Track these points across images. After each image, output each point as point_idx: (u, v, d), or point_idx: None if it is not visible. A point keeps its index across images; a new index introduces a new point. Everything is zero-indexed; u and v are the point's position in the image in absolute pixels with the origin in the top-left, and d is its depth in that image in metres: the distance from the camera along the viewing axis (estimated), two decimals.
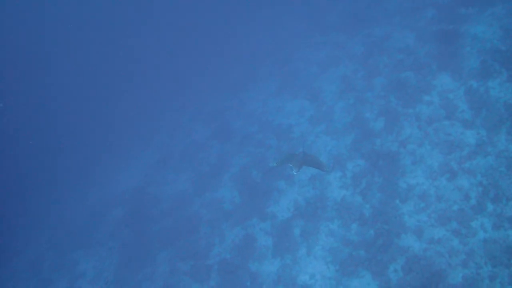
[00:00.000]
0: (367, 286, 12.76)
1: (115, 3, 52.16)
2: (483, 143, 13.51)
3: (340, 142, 16.79)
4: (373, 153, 15.28)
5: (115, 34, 49.38)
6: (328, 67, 21.93)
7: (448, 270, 11.86)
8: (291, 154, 11.92)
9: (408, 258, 12.60)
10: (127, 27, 49.41)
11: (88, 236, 21.69)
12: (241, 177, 18.70)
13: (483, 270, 11.44)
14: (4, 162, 36.31)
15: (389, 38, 20.50)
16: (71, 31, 50.86)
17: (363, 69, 19.57)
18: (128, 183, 23.94)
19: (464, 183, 13.02)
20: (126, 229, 20.48)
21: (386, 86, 17.58)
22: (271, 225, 15.89)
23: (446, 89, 15.69)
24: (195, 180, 20.65)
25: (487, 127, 13.79)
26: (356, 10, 25.52)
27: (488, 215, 12.14)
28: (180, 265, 16.75)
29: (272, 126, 20.44)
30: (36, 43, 52.78)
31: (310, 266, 14.14)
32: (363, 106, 17.49)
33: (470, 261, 11.74)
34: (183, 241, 17.65)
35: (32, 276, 21.92)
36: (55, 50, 51.40)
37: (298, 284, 13.94)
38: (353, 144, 16.37)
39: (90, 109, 38.76)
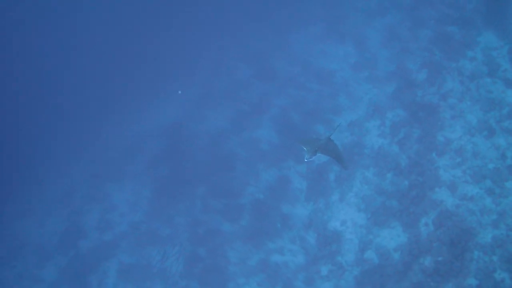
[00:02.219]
0: (397, 237, 16.18)
1: None
2: None
3: (381, 91, 19.94)
4: (413, 104, 18.42)
5: None
6: (375, 16, 24.99)
7: (478, 229, 14.84)
8: (315, 138, 13.25)
9: (439, 213, 15.73)
10: None
11: (122, 170, 26.49)
12: (280, 118, 22.49)
13: None
14: (49, 98, 42.14)
15: None
16: None
17: (409, 20, 22.24)
18: (167, 118, 28.79)
19: (502, 142, 16.16)
20: (161, 163, 25.18)
21: (431, 38, 20.30)
22: (307, 168, 19.56)
23: (490, 47, 18.36)
24: (234, 118, 24.87)
25: None
26: None
27: None
28: (213, 202, 20.92)
29: (314, 69, 23.56)
30: None
31: (342, 213, 17.74)
32: (406, 57, 20.37)
33: (501, 222, 14.65)
34: (218, 178, 21.80)
35: (64, 207, 27.25)
36: None
37: (328, 229, 17.56)
38: (394, 94, 19.52)
39: (134, 46, 42.97)
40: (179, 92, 31.93)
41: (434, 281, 14.48)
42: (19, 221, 29.84)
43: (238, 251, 19.43)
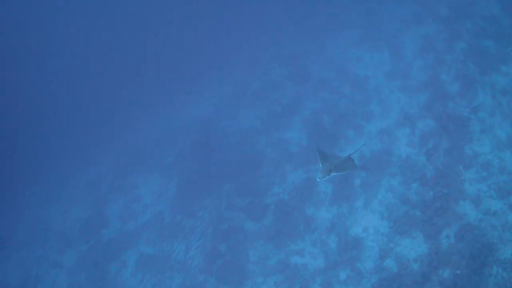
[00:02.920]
0: (417, 247, 17.18)
1: None
2: None
3: (413, 100, 21.33)
4: (444, 115, 19.71)
5: None
6: (411, 25, 26.65)
7: (499, 245, 15.75)
8: (334, 155, 13.93)
9: (462, 226, 16.73)
10: None
11: (150, 161, 28.79)
12: (311, 121, 24.09)
13: None
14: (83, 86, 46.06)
15: (475, 4, 24.81)
16: None
17: (445, 31, 23.77)
18: (199, 114, 31.03)
19: None
20: (190, 158, 27.18)
21: (465, 51, 21.65)
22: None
23: None
24: (265, 118, 26.69)
25: None
26: None
27: None
28: (237, 200, 22.50)
29: (348, 74, 25.15)
30: None
31: (365, 219, 18.95)
32: (440, 68, 21.75)
33: None
34: (244, 177, 23.49)
35: (89, 195, 29.53)
36: None
37: (350, 235, 18.80)
38: (425, 104, 20.88)
39: (172, 42, 46.68)
40: None
41: None
42: (44, 207, 32.59)
43: (258, 250, 20.79)
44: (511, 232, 15.89)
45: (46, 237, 30.90)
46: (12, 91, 56.47)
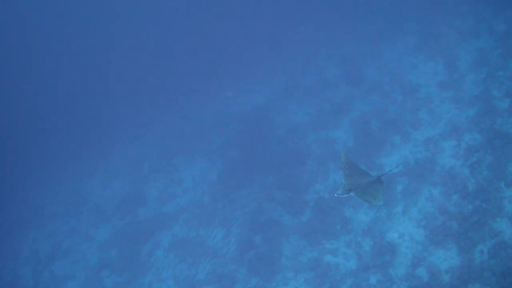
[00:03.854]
0: (450, 259, 18.76)
1: None
2: None
3: (462, 112, 23.15)
4: (491, 130, 21.45)
5: None
6: (468, 37, 28.46)
7: None
8: (363, 171, 14.35)
9: (497, 243, 18.24)
10: None
11: (195, 146, 31.90)
12: (360, 123, 26.25)
13: None
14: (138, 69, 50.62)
15: None
16: None
17: (501, 47, 25.59)
18: (249, 104, 34.14)
19: None
20: (235, 146, 29.92)
21: None
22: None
23: None
24: (314, 115, 29.14)
25: None
26: None
27: None
28: (278, 193, 24.74)
29: (401, 81, 27.25)
30: None
31: (402, 226, 20.74)
32: (492, 83, 23.52)
33: None
34: (287, 171, 25.87)
35: (131, 173, 32.86)
36: None
37: (385, 239, 20.57)
38: (474, 117, 22.65)
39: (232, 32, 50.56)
40: None
41: None
42: (85, 180, 35.75)
43: (292, 245, 22.82)
44: None
45: (81, 210, 33.63)
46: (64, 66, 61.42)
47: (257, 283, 22.49)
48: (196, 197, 29.23)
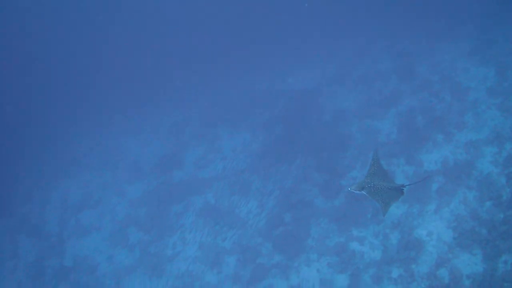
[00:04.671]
0: (474, 265, 19.30)
1: None
2: None
3: (508, 121, 23.64)
4: None
5: None
6: None
7: None
8: (389, 178, 14.31)
9: None
10: None
11: (240, 118, 33.65)
12: (405, 117, 27.10)
13: None
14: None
15: None
16: None
17: None
18: (299, 85, 35.84)
19: None
20: (280, 124, 31.46)
21: None
22: (414, 171, 23.69)
23: None
24: (362, 103, 30.17)
25: None
26: None
27: None
28: (315, 175, 25.81)
29: (451, 82, 27.86)
30: None
31: (432, 224, 21.43)
32: None
33: None
34: (327, 154, 26.99)
35: (172, 135, 35.45)
36: None
37: (413, 235, 21.32)
38: None
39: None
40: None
41: None
42: (125, 137, 37.54)
43: (321, 227, 23.89)
44: None
45: (118, 165, 35.18)
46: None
47: (280, 260, 23.50)
48: (234, 167, 30.60)
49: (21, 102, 57.78)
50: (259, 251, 24.31)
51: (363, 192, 13.61)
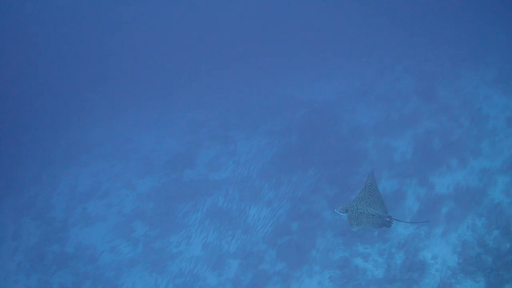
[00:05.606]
0: None
1: None
2: None
3: None
4: None
5: None
6: None
7: None
8: (380, 203, 14.27)
9: None
10: None
11: (257, 124, 34.90)
12: (422, 139, 27.79)
13: None
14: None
15: None
16: None
17: None
18: (320, 96, 37.34)
19: None
20: (295, 132, 32.43)
21: None
22: (425, 193, 24.19)
23: None
24: (380, 121, 30.94)
25: None
26: None
27: None
28: (326, 187, 26.41)
29: (472, 108, 28.62)
30: None
31: (438, 248, 21.84)
32: None
33: None
34: (340, 168, 27.62)
35: (188, 134, 37.18)
36: None
37: (418, 257, 21.71)
38: None
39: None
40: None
41: None
42: (140, 130, 38.32)
43: (327, 240, 24.36)
44: None
45: (130, 157, 35.81)
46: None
47: (282, 269, 23.94)
48: (246, 172, 31.17)
49: (39, 86, 58.78)
50: (262, 257, 24.77)
51: (345, 215, 13.78)
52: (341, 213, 13.92)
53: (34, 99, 56.08)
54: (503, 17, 38.86)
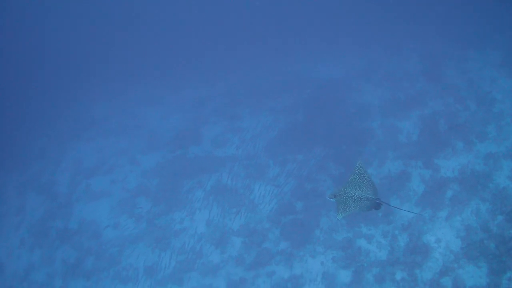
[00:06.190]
0: (478, 277, 19.80)
1: None
2: None
3: None
4: None
5: None
6: None
7: None
8: (371, 187, 14.15)
9: None
10: None
11: (263, 101, 35.26)
12: (428, 120, 27.80)
13: None
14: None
15: None
16: None
17: None
18: (327, 75, 37.42)
19: None
20: (301, 111, 32.60)
21: None
22: (430, 175, 24.31)
23: None
24: (387, 100, 31.11)
25: None
26: None
27: None
28: (331, 166, 26.83)
29: (478, 91, 28.68)
30: None
31: (442, 231, 22.02)
32: None
33: None
34: (346, 147, 27.83)
35: (193, 110, 37.55)
36: None
37: (421, 240, 21.88)
38: None
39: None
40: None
41: None
42: (145, 106, 38.74)
43: (331, 220, 24.54)
44: None
45: (135, 133, 36.14)
46: None
47: (285, 248, 24.17)
48: (251, 149, 31.38)
49: (46, 60, 59.12)
50: (265, 235, 25.00)
51: (334, 200, 13.91)
52: (331, 199, 14.02)
53: (40, 74, 56.31)
54: None
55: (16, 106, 49.23)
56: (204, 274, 24.22)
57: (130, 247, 26.96)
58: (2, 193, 35.11)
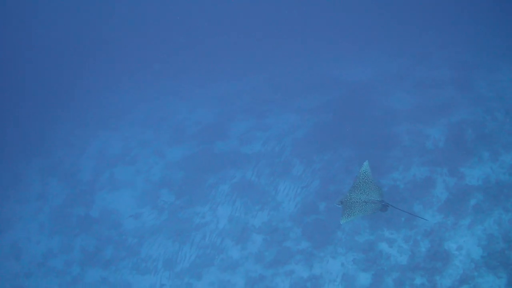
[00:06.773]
0: (497, 287, 20.06)
1: None
2: None
3: None
4: None
5: None
6: None
7: None
8: (376, 189, 14.25)
9: None
10: None
11: (291, 100, 36.14)
12: (455, 128, 28.19)
13: None
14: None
15: None
16: None
17: None
18: (356, 77, 38.17)
19: None
20: (330, 111, 33.55)
21: None
22: (455, 183, 24.68)
23: None
24: (414, 107, 31.67)
25: None
26: None
27: None
28: (356, 169, 26.94)
29: (508, 102, 29.12)
30: None
31: (463, 239, 22.29)
32: None
33: None
34: (372, 151, 28.06)
35: (220, 105, 38.72)
36: None
37: (443, 247, 22.21)
38: None
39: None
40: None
41: None
42: (171, 99, 40.97)
43: (353, 223, 24.75)
44: None
45: (160, 125, 36.91)
46: None
47: (306, 247, 24.56)
48: (277, 147, 31.87)
49: (76, 48, 60.00)
50: (287, 234, 25.38)
51: (340, 206, 13.89)
52: (338, 205, 14.00)
53: (70, 62, 57.05)
54: None
55: (46, 92, 49.93)
56: (223, 269, 24.63)
57: (150, 238, 27.48)
58: (25, 177, 35.59)
